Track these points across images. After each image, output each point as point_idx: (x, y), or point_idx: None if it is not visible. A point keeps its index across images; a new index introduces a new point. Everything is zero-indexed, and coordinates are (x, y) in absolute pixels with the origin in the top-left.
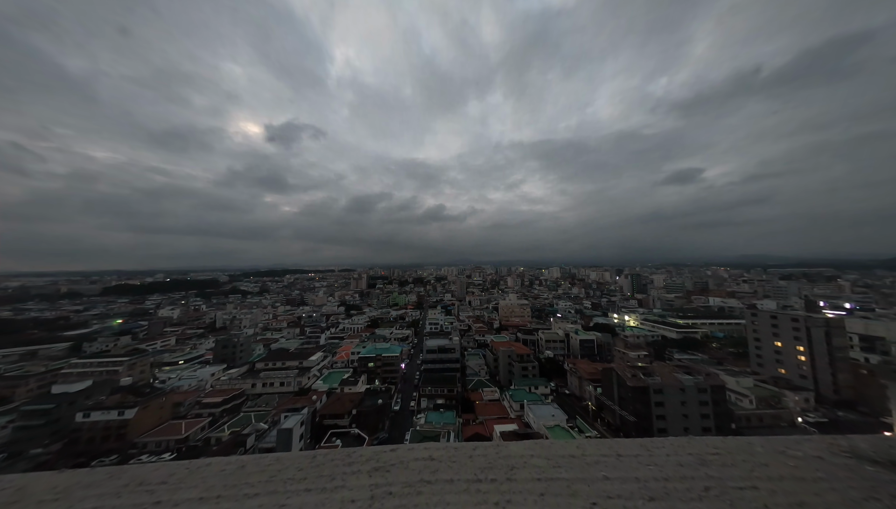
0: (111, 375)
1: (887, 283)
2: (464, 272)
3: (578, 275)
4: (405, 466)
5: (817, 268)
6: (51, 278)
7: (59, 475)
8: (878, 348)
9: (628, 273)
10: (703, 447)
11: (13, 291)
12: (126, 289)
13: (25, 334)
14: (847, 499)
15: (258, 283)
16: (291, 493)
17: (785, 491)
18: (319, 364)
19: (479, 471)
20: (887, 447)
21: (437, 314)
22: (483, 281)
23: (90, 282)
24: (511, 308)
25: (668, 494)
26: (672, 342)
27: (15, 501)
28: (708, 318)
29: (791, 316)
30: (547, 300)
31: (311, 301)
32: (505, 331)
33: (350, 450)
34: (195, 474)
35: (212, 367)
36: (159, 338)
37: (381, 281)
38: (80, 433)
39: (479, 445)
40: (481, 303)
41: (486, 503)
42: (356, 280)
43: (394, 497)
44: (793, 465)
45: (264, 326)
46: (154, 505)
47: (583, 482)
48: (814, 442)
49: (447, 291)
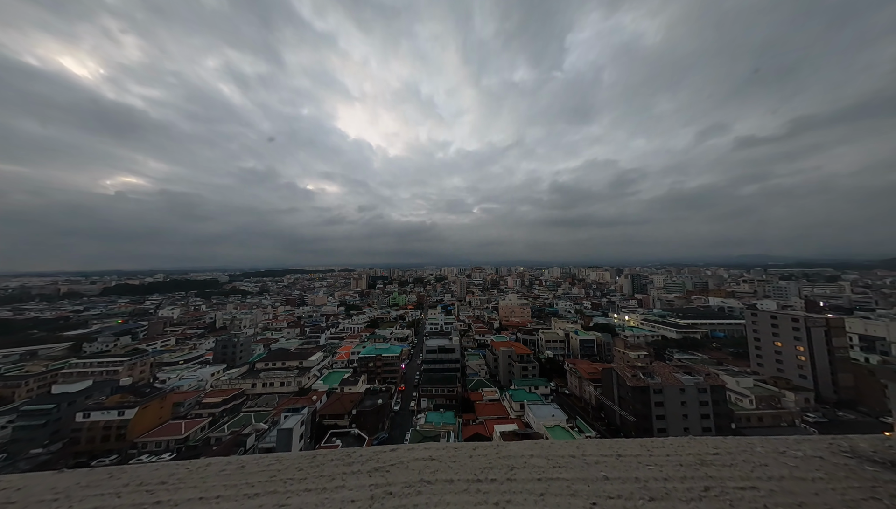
0: (111, 375)
1: (887, 283)
2: (464, 272)
3: (578, 275)
4: (405, 466)
5: (817, 268)
6: (51, 278)
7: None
8: (878, 348)
9: (628, 273)
10: (703, 447)
11: (13, 291)
12: (126, 289)
13: (25, 334)
14: (847, 499)
15: (258, 283)
16: (291, 493)
17: (785, 491)
18: (319, 364)
19: (479, 471)
20: (887, 447)
21: (437, 314)
22: (483, 281)
23: (90, 282)
24: (511, 308)
25: (668, 494)
26: (672, 342)
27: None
28: (708, 318)
29: (791, 316)
30: (547, 300)
31: (311, 301)
32: (505, 331)
33: (350, 450)
34: (195, 474)
35: (212, 367)
36: (159, 338)
37: (381, 281)
38: (80, 433)
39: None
40: (481, 303)
41: (486, 503)
42: (356, 280)
43: (394, 497)
44: (793, 465)
45: (264, 326)
46: (154, 505)
47: (583, 482)
48: (814, 442)
49: (447, 291)
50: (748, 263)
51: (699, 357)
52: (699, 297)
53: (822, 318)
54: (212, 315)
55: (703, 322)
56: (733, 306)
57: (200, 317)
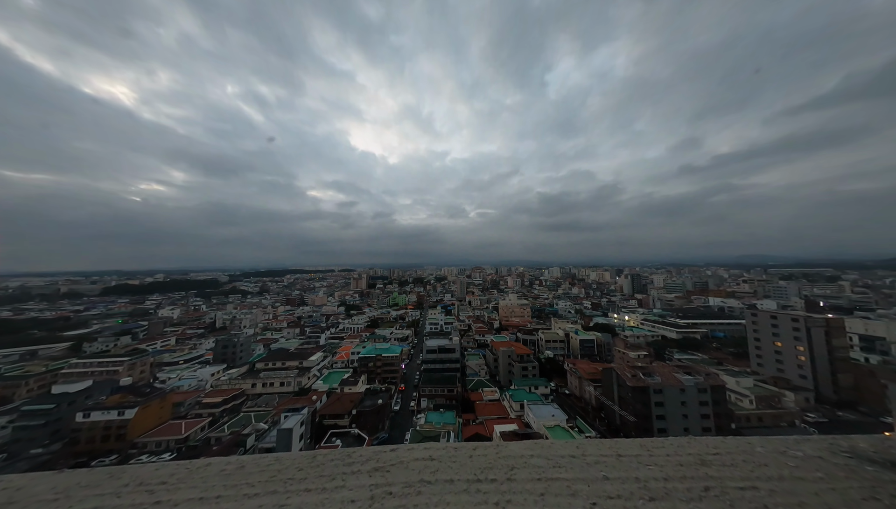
0: (111, 375)
1: (887, 283)
2: (464, 272)
3: (578, 275)
4: (405, 466)
5: (817, 268)
6: (51, 278)
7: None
8: (878, 348)
9: (628, 273)
10: (703, 447)
11: (13, 291)
12: (126, 289)
13: (25, 334)
14: (847, 499)
15: (258, 283)
16: (291, 493)
17: (785, 491)
18: (319, 364)
19: (479, 471)
20: (887, 447)
21: (437, 314)
22: (483, 281)
23: (90, 282)
24: (511, 308)
25: (668, 494)
26: (672, 342)
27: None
28: (708, 318)
29: (791, 316)
30: (547, 300)
31: (311, 301)
32: (505, 331)
33: (350, 450)
34: (195, 474)
35: (212, 367)
36: (159, 338)
37: (381, 281)
38: (80, 433)
39: (479, 445)
40: (481, 303)
41: (486, 503)
42: (356, 280)
43: (394, 497)
44: (793, 465)
45: (264, 326)
46: (154, 505)
47: (583, 482)
48: (814, 442)
49: (447, 291)
50: (748, 263)
51: (699, 357)
52: (699, 297)
53: (822, 318)
54: (212, 315)
55: (703, 322)
56: (733, 306)
57: (200, 317)
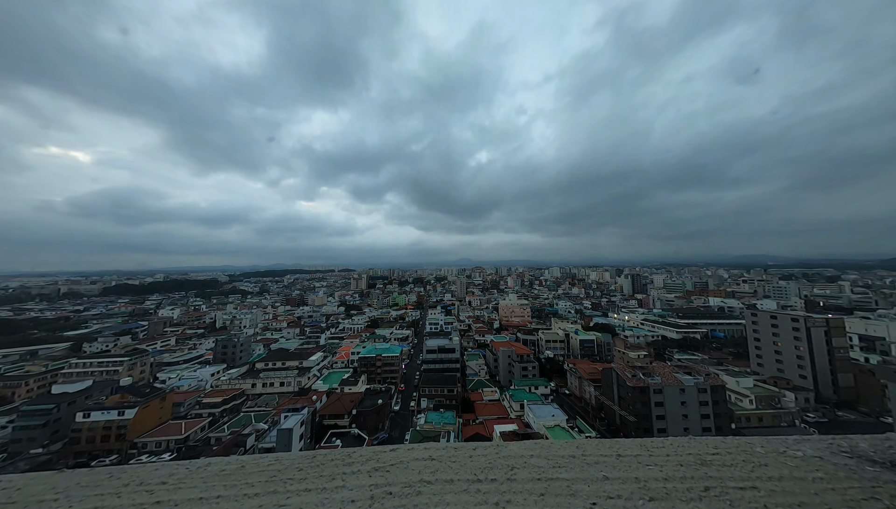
0: (111, 375)
1: (887, 283)
2: (464, 272)
3: (578, 275)
4: (405, 466)
5: (817, 268)
6: (51, 278)
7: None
8: (878, 348)
9: (628, 273)
10: (703, 447)
11: (13, 291)
12: (126, 289)
13: (25, 334)
14: (847, 499)
15: (258, 283)
16: (291, 493)
17: (785, 491)
18: (319, 364)
19: (479, 471)
20: (887, 447)
21: (437, 314)
22: (483, 281)
23: (90, 282)
24: (511, 308)
25: (668, 494)
26: (672, 342)
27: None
28: (708, 318)
29: (791, 316)
30: (547, 300)
31: (311, 301)
32: (505, 331)
33: (350, 450)
34: (195, 474)
35: (212, 367)
36: (159, 338)
37: (381, 281)
38: (80, 433)
39: (479, 445)
40: (481, 304)
41: (486, 503)
42: (356, 280)
43: (394, 497)
44: (793, 465)
45: (264, 326)
46: (154, 505)
47: (583, 482)
48: (814, 442)
49: (447, 291)
50: (748, 263)
51: (699, 357)
52: (699, 297)
53: (822, 318)
54: (212, 315)
55: (703, 322)
56: (733, 306)
57: (200, 317)
